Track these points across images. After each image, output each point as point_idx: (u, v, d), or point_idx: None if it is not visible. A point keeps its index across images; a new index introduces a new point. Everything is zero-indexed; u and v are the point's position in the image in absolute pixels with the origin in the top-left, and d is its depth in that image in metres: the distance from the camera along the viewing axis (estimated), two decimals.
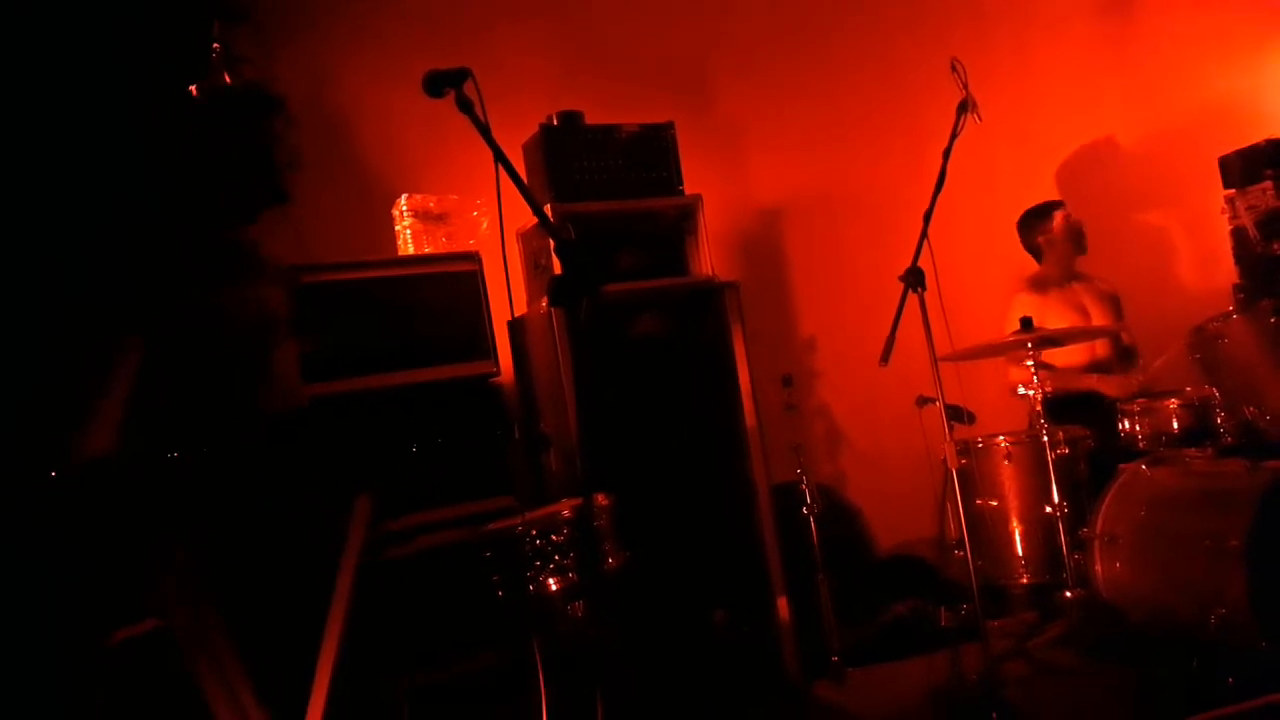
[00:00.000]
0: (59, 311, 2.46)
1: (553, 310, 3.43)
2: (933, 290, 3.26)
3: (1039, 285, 4.52)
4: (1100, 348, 4.45)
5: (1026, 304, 4.35)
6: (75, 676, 2.20)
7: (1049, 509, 3.49)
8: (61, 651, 2.19)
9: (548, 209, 3.45)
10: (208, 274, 2.35)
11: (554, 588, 2.50)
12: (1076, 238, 4.50)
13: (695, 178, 3.85)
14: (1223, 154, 4.92)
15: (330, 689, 2.03)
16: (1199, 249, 5.24)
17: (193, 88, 2.99)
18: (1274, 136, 4.73)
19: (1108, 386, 4.25)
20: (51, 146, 2.53)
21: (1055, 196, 4.71)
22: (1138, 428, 3.66)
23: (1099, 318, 4.42)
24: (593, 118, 3.75)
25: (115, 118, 2.56)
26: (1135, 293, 4.59)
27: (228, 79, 3.07)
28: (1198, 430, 3.54)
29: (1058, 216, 4.50)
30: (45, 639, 2.18)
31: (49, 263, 2.48)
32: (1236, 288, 4.74)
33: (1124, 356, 4.48)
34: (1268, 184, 4.67)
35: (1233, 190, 4.86)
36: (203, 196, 2.39)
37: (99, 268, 2.42)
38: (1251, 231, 4.67)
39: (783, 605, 3.61)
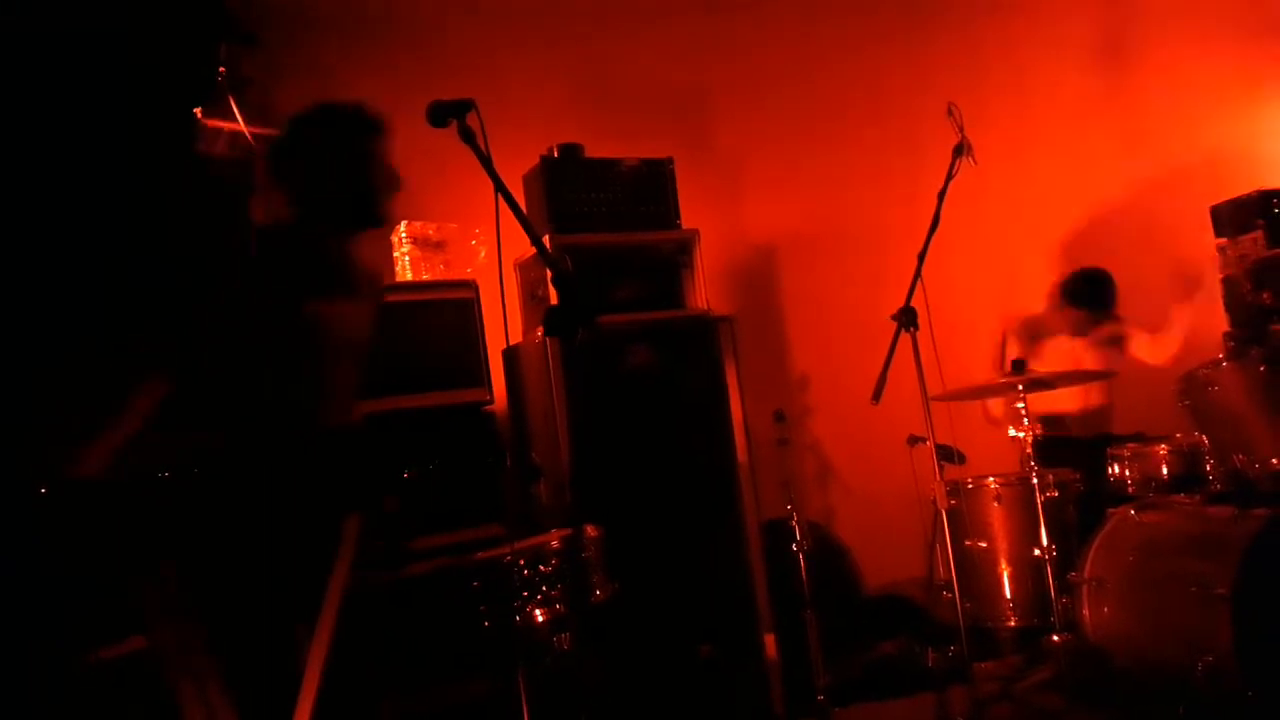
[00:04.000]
0: (82, 327, 2.46)
1: (548, 340, 3.43)
2: (925, 330, 3.28)
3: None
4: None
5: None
6: (55, 693, 2.18)
7: (1037, 552, 3.48)
8: (41, 668, 2.17)
9: (546, 239, 3.46)
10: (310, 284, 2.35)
11: (540, 619, 2.49)
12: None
13: (692, 211, 3.88)
14: (1215, 203, 4.97)
15: (313, 713, 2.02)
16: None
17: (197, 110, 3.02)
18: (1265, 188, 4.78)
19: None
20: (66, 168, 2.55)
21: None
22: (1127, 472, 3.67)
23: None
24: (592, 149, 3.79)
25: (122, 137, 2.58)
26: None
27: (232, 102, 3.10)
28: (1187, 476, 3.54)
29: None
30: (25, 655, 2.17)
31: (63, 281, 2.49)
32: (1227, 335, 4.76)
33: None
34: (1258, 234, 4.72)
35: (1224, 239, 4.90)
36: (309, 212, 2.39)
37: (119, 290, 2.43)
38: (1242, 281, 4.70)
39: (770, 642, 3.60)
